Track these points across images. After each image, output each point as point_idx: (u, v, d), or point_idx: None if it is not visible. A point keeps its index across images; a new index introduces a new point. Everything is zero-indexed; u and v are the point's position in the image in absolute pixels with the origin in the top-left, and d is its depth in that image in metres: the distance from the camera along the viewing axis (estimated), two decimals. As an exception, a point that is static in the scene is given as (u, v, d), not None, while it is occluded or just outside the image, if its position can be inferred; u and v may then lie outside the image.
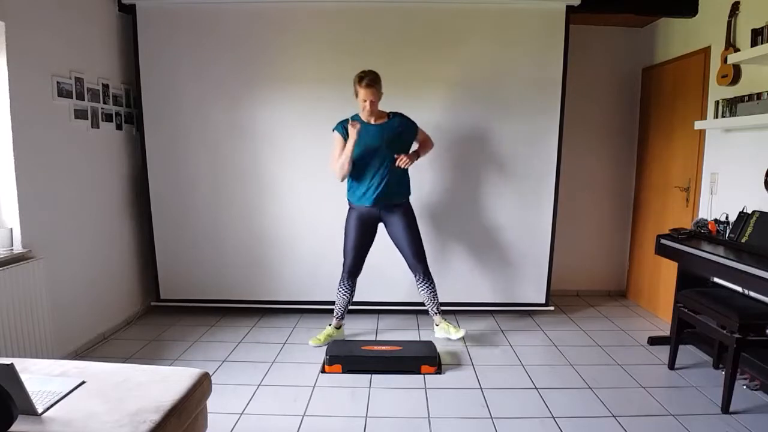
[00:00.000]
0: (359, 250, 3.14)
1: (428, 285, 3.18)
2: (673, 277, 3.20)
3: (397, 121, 3.04)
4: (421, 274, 3.16)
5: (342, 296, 3.21)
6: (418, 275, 3.17)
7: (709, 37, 3.26)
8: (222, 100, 3.53)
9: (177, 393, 1.65)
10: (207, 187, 3.62)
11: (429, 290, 3.19)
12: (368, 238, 3.16)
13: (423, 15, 3.44)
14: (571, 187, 4.10)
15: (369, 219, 3.11)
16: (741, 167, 2.98)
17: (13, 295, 2.40)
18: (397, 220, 3.10)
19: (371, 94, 2.90)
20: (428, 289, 3.19)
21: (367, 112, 2.95)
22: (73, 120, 3.00)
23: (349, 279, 3.18)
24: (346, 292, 3.20)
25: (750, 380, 2.54)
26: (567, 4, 3.39)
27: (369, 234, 3.15)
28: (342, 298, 3.21)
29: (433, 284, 3.20)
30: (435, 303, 3.22)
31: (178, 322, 3.62)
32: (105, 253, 3.33)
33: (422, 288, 3.19)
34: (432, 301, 3.21)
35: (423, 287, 3.19)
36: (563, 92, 3.50)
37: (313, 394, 2.57)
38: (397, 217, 3.09)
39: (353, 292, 3.22)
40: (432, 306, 3.23)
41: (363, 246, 3.15)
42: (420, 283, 3.19)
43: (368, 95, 2.90)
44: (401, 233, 3.11)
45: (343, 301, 3.22)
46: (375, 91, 2.91)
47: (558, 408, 2.44)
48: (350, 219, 3.14)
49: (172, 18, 3.45)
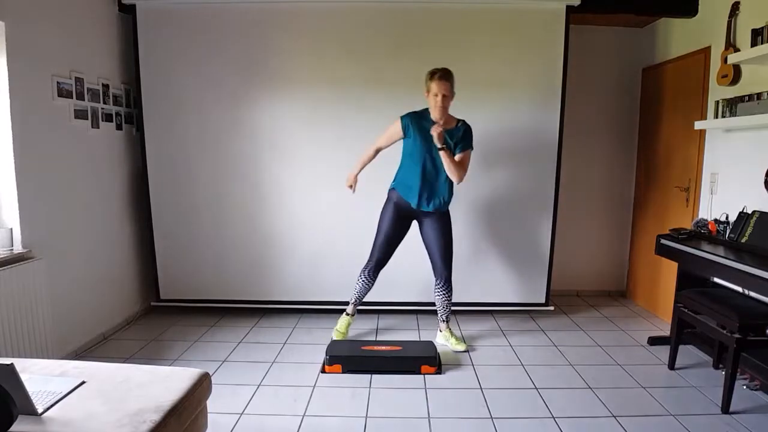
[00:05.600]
0: (391, 242, 3.10)
1: (446, 292, 3.16)
2: (673, 277, 3.20)
3: (462, 129, 2.95)
4: (443, 280, 3.13)
5: (363, 285, 3.18)
6: (440, 280, 3.14)
7: (709, 37, 3.26)
8: (222, 99, 3.53)
9: (177, 393, 1.65)
10: (207, 187, 3.62)
11: (445, 297, 3.17)
12: (402, 232, 3.12)
13: (423, 15, 3.44)
14: (571, 187, 4.10)
15: (407, 214, 3.07)
16: (741, 167, 2.98)
17: (13, 295, 2.40)
18: (434, 223, 3.05)
19: (444, 88, 2.82)
20: (444, 296, 3.17)
21: (439, 108, 2.83)
22: (73, 120, 3.00)
23: (374, 271, 3.15)
24: (368, 282, 3.18)
25: (750, 380, 2.55)
26: (567, 4, 3.39)
27: (403, 228, 3.12)
28: (363, 287, 3.19)
29: (450, 292, 3.17)
30: (447, 311, 3.20)
31: (178, 322, 3.62)
32: (105, 253, 3.33)
33: (439, 293, 3.17)
34: (444, 308, 3.19)
35: (441, 293, 3.16)
36: (563, 92, 3.50)
37: (313, 394, 2.57)
38: (434, 220, 3.05)
39: (373, 284, 3.20)
40: (443, 313, 3.21)
41: (396, 239, 3.11)
42: (439, 288, 3.16)
43: (441, 88, 2.81)
44: (435, 237, 3.07)
45: (363, 290, 3.21)
46: (449, 86, 2.84)
47: (558, 408, 2.44)
48: (388, 209, 3.08)
49: (172, 18, 3.45)
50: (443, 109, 2.86)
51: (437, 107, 2.84)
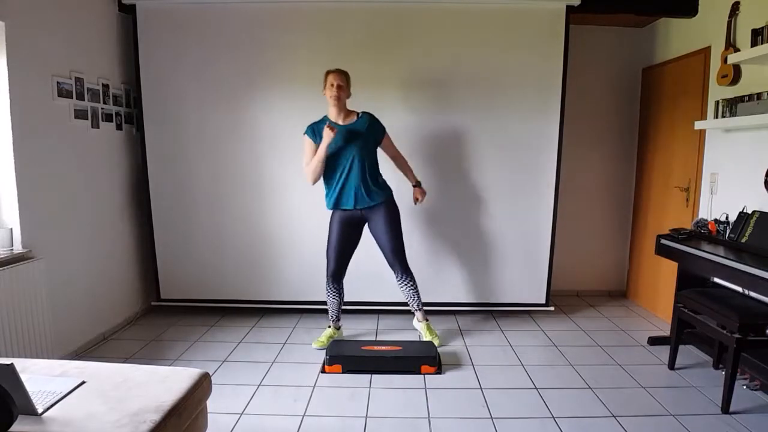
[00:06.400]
0: (341, 253, 3.09)
1: (409, 282, 3.12)
2: (673, 277, 3.20)
3: (366, 119, 2.99)
4: (400, 272, 3.10)
5: (332, 299, 3.18)
6: (397, 273, 3.11)
7: (709, 37, 3.26)
8: (222, 99, 3.53)
9: (177, 393, 1.65)
10: (207, 187, 3.62)
11: (410, 287, 3.13)
12: (351, 241, 3.10)
13: (423, 15, 3.44)
14: (571, 187, 4.10)
15: (351, 221, 3.05)
16: (741, 167, 2.98)
17: (13, 295, 2.40)
18: (378, 217, 3.03)
19: (339, 79, 2.89)
20: (409, 287, 3.13)
21: (334, 97, 2.90)
22: (73, 120, 3.00)
23: (334, 282, 3.15)
24: (336, 294, 3.17)
25: (750, 380, 2.55)
26: (567, 4, 3.39)
27: (351, 236, 3.10)
28: (333, 301, 3.19)
29: (413, 281, 3.13)
30: (417, 300, 3.17)
31: (178, 322, 3.62)
32: (105, 253, 3.33)
33: (403, 286, 3.14)
34: (413, 298, 3.16)
35: (404, 285, 3.13)
36: (563, 92, 3.50)
37: (313, 394, 2.57)
38: (379, 215, 3.03)
39: (342, 293, 3.20)
40: (414, 303, 3.18)
41: (345, 249, 3.09)
42: (400, 281, 3.13)
43: (336, 78, 2.89)
44: (380, 230, 3.04)
45: (335, 305, 3.20)
46: (344, 78, 2.91)
47: (558, 408, 2.44)
48: (332, 223, 3.08)
49: (172, 18, 3.45)
50: (338, 99, 2.90)
51: (332, 96, 2.89)
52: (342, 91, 2.92)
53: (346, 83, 2.94)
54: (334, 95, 2.90)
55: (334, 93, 2.90)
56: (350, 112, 3.01)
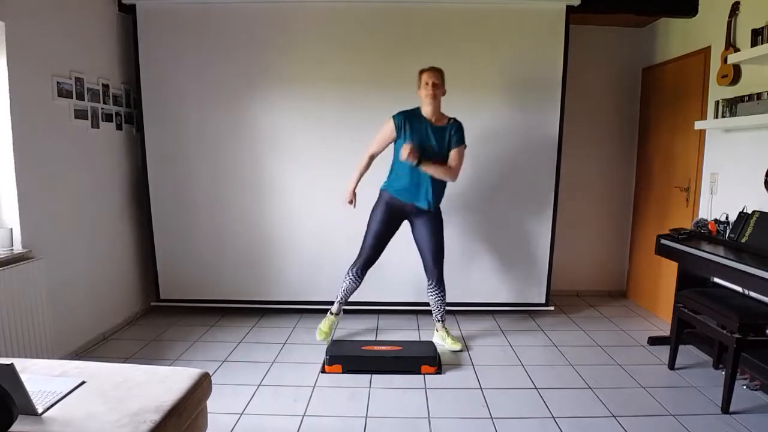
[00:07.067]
0: (380, 241, 3.08)
1: (439, 291, 3.14)
2: (673, 277, 3.20)
3: (454, 126, 2.94)
4: (435, 280, 3.12)
5: (350, 284, 3.16)
6: (432, 280, 3.13)
7: (709, 37, 3.26)
8: (222, 100, 3.53)
9: (177, 393, 1.65)
10: (207, 187, 3.62)
11: (438, 297, 3.16)
12: (391, 231, 3.10)
13: (424, 15, 3.44)
14: (571, 187, 4.10)
15: (398, 213, 3.04)
16: (741, 167, 2.98)
17: (13, 295, 2.40)
18: (425, 223, 3.03)
19: (435, 77, 2.84)
20: (438, 296, 3.15)
21: (430, 96, 2.84)
22: (73, 120, 3.00)
23: (362, 269, 3.13)
24: (356, 281, 3.16)
25: (750, 380, 2.55)
26: (567, 4, 3.39)
27: (393, 227, 3.09)
28: (350, 285, 3.17)
29: (443, 291, 3.16)
30: (441, 310, 3.19)
31: (178, 322, 3.62)
32: (105, 253, 3.33)
33: (432, 293, 3.16)
34: (438, 307, 3.18)
35: (433, 292, 3.15)
36: (563, 92, 3.50)
37: (313, 394, 2.57)
38: (426, 220, 3.03)
39: (360, 283, 3.19)
40: (437, 312, 3.20)
41: (385, 238, 3.09)
42: (431, 287, 3.15)
43: (432, 77, 2.84)
44: (426, 237, 3.04)
45: (350, 289, 3.18)
46: (439, 75, 2.86)
47: (558, 408, 2.44)
48: (378, 208, 3.05)
49: (172, 18, 3.45)
50: (434, 98, 2.86)
51: (428, 95, 2.84)
52: (438, 89, 2.86)
53: (441, 81, 2.88)
54: (430, 94, 2.84)
55: (430, 91, 2.84)
56: (442, 116, 2.95)
